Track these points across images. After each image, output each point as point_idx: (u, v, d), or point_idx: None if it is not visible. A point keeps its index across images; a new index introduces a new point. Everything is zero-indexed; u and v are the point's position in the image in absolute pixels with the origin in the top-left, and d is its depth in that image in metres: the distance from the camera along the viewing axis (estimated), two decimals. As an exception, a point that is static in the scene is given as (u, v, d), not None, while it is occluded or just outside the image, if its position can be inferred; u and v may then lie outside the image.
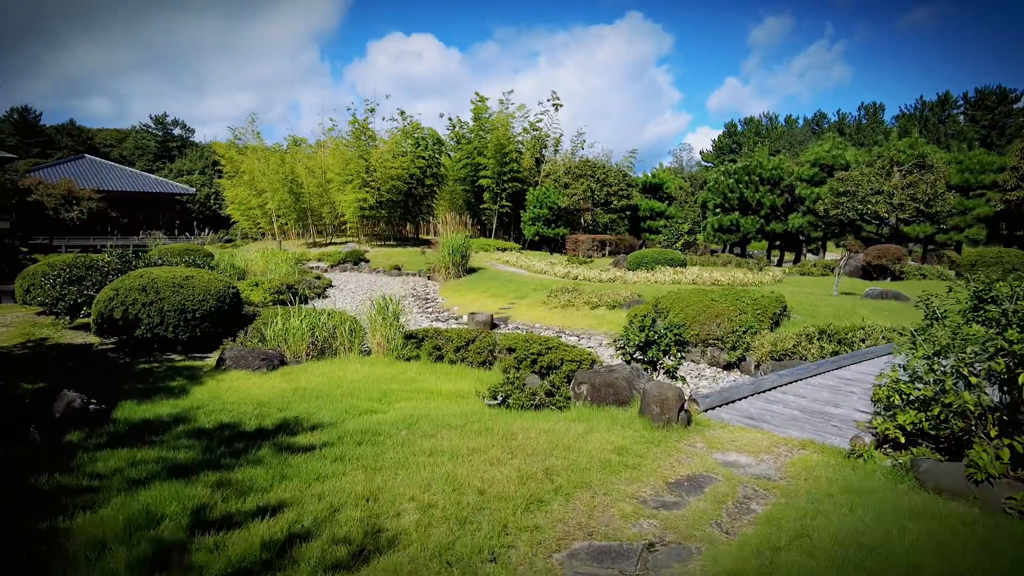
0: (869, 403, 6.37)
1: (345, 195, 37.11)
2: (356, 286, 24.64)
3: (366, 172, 36.46)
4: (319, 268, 32.26)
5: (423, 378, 7.98)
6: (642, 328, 7.70)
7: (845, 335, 9.73)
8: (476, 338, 8.81)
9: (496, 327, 15.07)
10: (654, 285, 18.92)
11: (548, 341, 8.36)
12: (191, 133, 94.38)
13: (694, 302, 12.59)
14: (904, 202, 22.49)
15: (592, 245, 33.40)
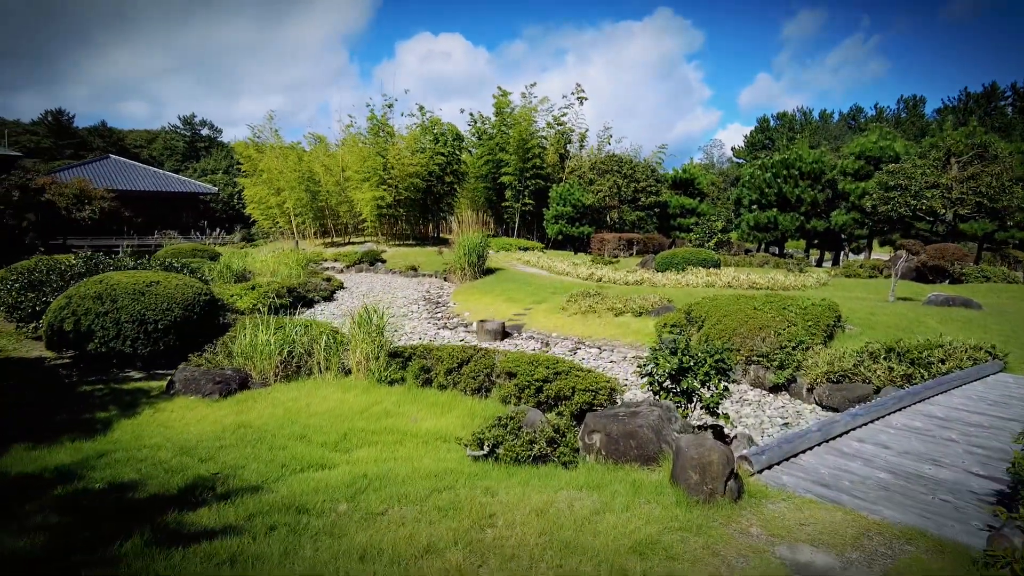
0: (980, 458, 4.73)
1: (362, 193, 35.97)
2: (368, 288, 23.35)
3: (383, 169, 35.25)
4: (334, 269, 31.17)
5: (401, 410, 6.53)
6: (674, 351, 6.14)
7: (919, 354, 8.04)
8: (472, 358, 7.33)
9: (508, 336, 13.57)
10: (685, 289, 17.22)
11: (558, 363, 6.83)
12: (219, 133, 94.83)
13: (733, 311, 10.93)
14: (964, 196, 20.38)
15: (618, 244, 31.70)
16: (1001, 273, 19.42)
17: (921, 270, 18.81)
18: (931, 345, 8.29)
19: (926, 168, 21.41)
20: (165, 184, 51.67)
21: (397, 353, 7.94)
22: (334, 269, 30.89)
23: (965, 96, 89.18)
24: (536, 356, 7.12)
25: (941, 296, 13.29)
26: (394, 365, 7.80)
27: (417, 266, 29.51)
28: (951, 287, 17.68)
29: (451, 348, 7.65)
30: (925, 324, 11.05)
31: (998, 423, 5.71)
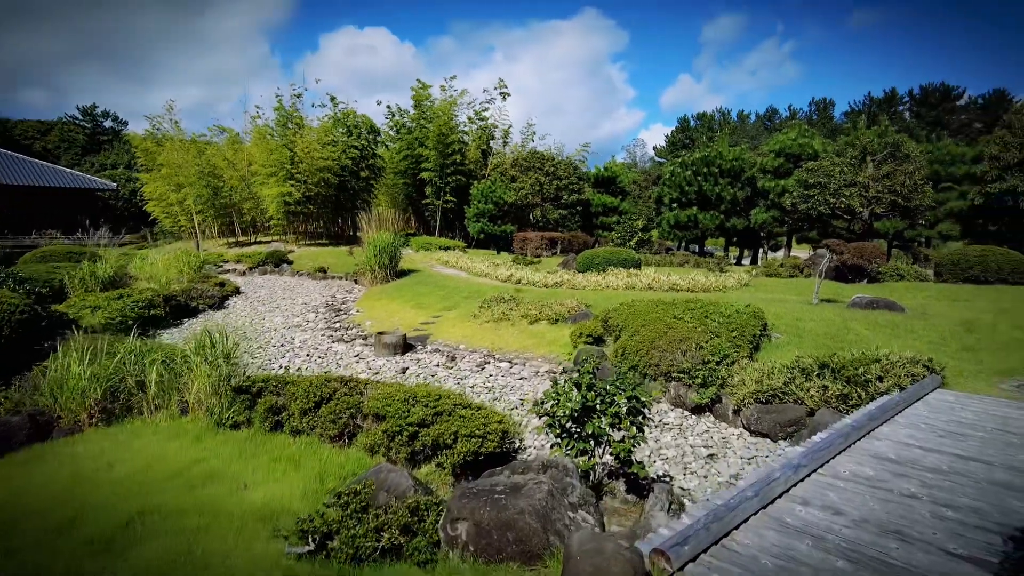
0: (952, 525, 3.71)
1: (268, 189, 33.54)
2: (268, 293, 21.36)
3: (291, 163, 32.94)
4: (235, 271, 28.79)
5: (232, 469, 5.04)
6: (578, 385, 4.92)
7: (855, 371, 7.18)
8: (333, 395, 5.90)
9: (410, 349, 12.14)
10: (605, 292, 16.24)
11: (439, 400, 5.49)
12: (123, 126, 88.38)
13: (652, 319, 9.90)
14: (881, 194, 20.37)
15: (541, 243, 30.69)
16: (914, 271, 19.43)
17: (840, 269, 18.56)
18: (867, 360, 7.43)
19: (844, 166, 21.34)
20: (54, 179, 47.10)
21: (244, 388, 6.38)
22: (235, 271, 28.54)
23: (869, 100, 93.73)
24: (415, 391, 5.74)
25: (865, 298, 12.76)
26: (239, 403, 6.24)
27: (327, 268, 27.58)
28: (869, 286, 17.44)
29: (310, 381, 6.17)
30: (854, 331, 10.36)
31: (958, 465, 4.77)
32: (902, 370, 7.21)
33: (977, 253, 18.13)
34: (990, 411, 6.41)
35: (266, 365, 11.14)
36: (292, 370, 10.85)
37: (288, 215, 34.34)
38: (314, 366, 11.06)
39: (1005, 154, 20.24)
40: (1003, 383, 7.90)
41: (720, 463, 6.67)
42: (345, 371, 10.73)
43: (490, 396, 9.07)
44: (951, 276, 18.26)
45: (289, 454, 5.35)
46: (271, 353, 12.13)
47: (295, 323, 15.45)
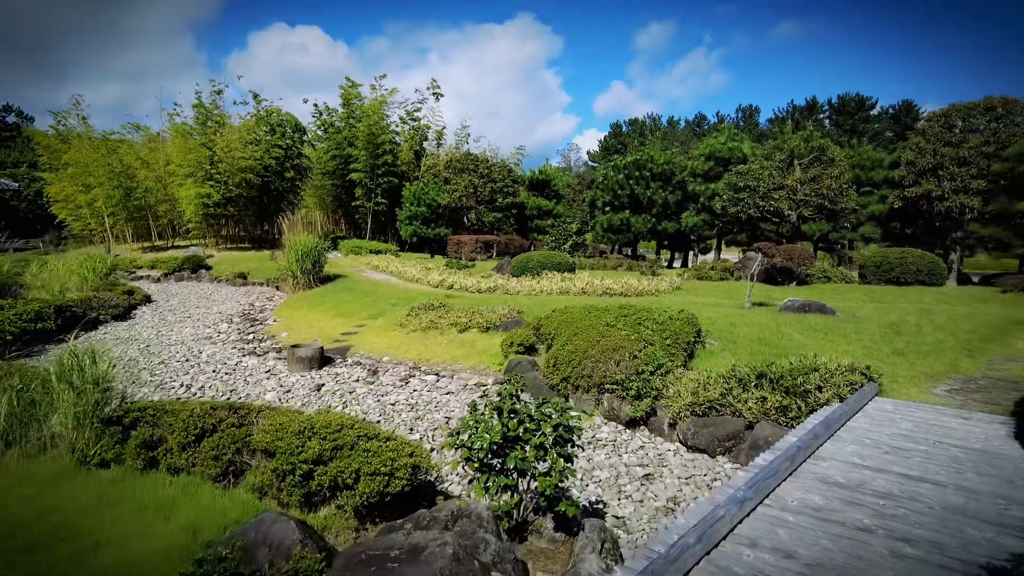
0: (912, 566, 3.29)
1: (186, 190, 31.64)
2: (181, 301, 19.92)
3: (210, 164, 31.16)
4: (150, 277, 26.98)
5: (88, 522, 4.18)
6: (499, 410, 4.31)
7: (794, 381, 6.87)
8: (219, 425, 5.07)
9: (328, 363, 11.27)
10: (539, 298, 15.76)
11: (340, 433, 4.75)
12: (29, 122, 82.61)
13: (584, 327, 9.42)
14: (808, 198, 20.71)
15: (476, 246, 30.04)
16: (840, 274, 19.83)
17: (770, 271, 18.70)
18: (805, 369, 7.14)
19: (772, 169, 21.62)
20: (-58, 177, 43.27)
21: (115, 418, 5.47)
22: (149, 278, 26.73)
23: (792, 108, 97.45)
24: (313, 420, 4.99)
25: (797, 301, 12.70)
26: (109, 437, 5.32)
27: (247, 273, 26.13)
28: (799, 289, 17.62)
29: (192, 410, 5.31)
30: (788, 336, 10.18)
31: (908, 487, 4.43)
32: (841, 379, 6.94)
33: (897, 255, 18.62)
34: (929, 420, 6.18)
35: (165, 384, 10.07)
36: (193, 389, 9.84)
37: (207, 218, 32.51)
38: (218, 384, 10.06)
39: (920, 160, 20.92)
40: (935, 388, 7.78)
41: (656, 484, 6.20)
42: (253, 389, 9.81)
43: (412, 415, 8.36)
44: (874, 277, 18.70)
45: (160, 500, 4.51)
46: (173, 370, 11.03)
47: (205, 335, 14.28)
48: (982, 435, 5.73)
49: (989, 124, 21.06)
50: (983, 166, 20.43)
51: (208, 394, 9.59)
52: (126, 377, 10.47)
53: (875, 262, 18.87)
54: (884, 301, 15.34)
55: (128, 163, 34.06)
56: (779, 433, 6.44)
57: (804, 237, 23.14)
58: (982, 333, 10.74)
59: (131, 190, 33.92)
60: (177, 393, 9.62)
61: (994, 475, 4.69)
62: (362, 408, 8.67)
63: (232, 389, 9.83)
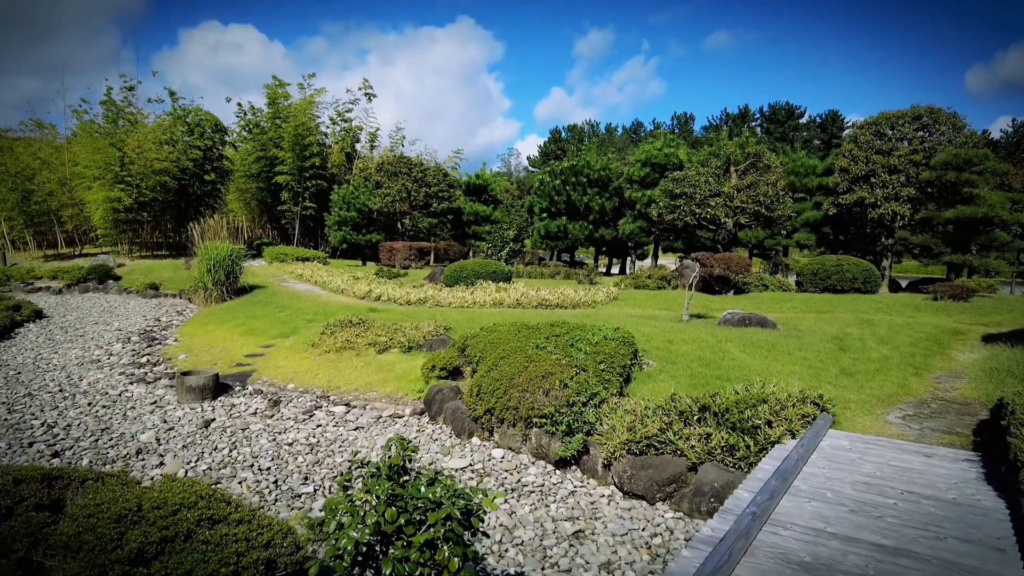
0: None
1: (93, 194, 29.22)
2: (79, 317, 18.02)
3: (120, 165, 28.86)
4: (51, 289, 24.63)
5: None
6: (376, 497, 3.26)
7: (741, 415, 6.09)
8: (16, 506, 3.84)
9: (224, 391, 9.94)
10: (470, 311, 14.76)
11: (176, 516, 3.61)
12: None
13: (512, 350, 8.46)
14: (745, 205, 20.44)
15: (409, 254, 28.78)
16: (777, 282, 19.60)
17: (707, 280, 18.26)
18: (752, 400, 6.37)
19: (709, 176, 21.29)
20: None
21: None
22: (49, 290, 24.41)
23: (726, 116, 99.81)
24: (145, 497, 3.83)
25: (737, 314, 12.11)
26: None
27: (160, 284, 24.18)
28: (737, 298, 17.22)
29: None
30: (729, 354, 9.49)
31: (887, 566, 3.63)
32: (793, 412, 6.20)
33: (834, 263, 18.49)
34: (890, 461, 5.49)
35: (22, 424, 8.55)
36: (60, 427, 8.38)
37: (118, 223, 30.17)
38: (90, 421, 8.63)
39: (854, 167, 20.98)
40: (888, 414, 7.17)
41: (587, 544, 5.27)
42: (131, 426, 8.44)
43: (310, 458, 7.20)
44: (811, 285, 18.51)
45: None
46: (40, 403, 9.49)
47: (94, 357, 12.65)
48: (951, 478, 5.06)
49: (916, 132, 21.32)
50: (912, 174, 20.63)
51: (74, 434, 8.17)
52: (-25, 414, 8.91)
53: (812, 270, 18.69)
54: (823, 311, 15.01)
55: (26, 163, 31.28)
56: (726, 477, 5.64)
57: (741, 244, 22.95)
58: (924, 347, 10.35)
59: (30, 193, 31.15)
60: (35, 434, 8.16)
61: (979, 540, 3.96)
62: (253, 450, 7.45)
63: (105, 428, 8.43)
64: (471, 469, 6.86)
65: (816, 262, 18.91)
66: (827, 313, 14.60)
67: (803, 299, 16.67)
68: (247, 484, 6.47)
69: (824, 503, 4.54)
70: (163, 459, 7.24)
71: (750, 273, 18.52)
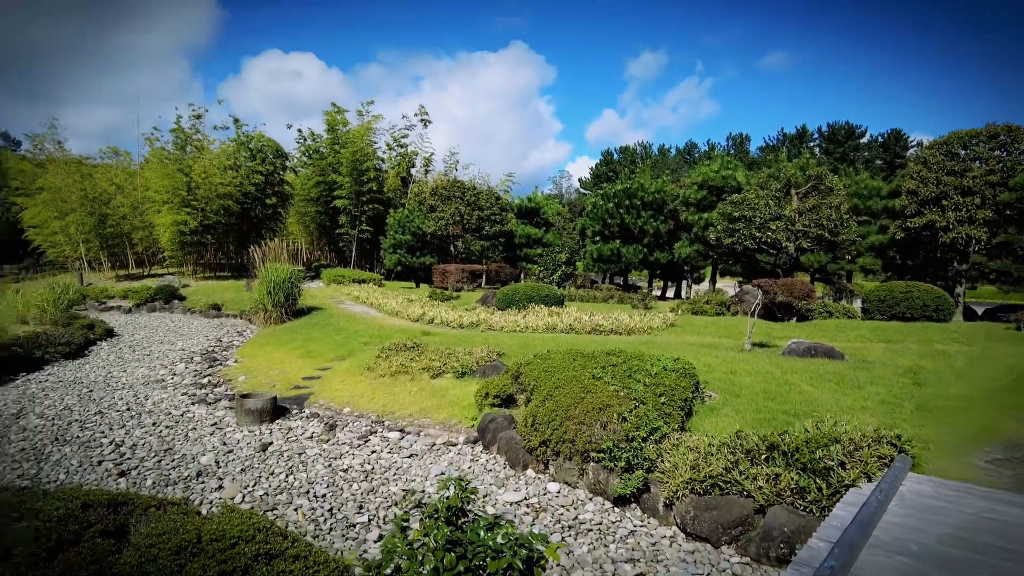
0: None
1: (162, 217, 30.53)
2: (147, 336, 18.71)
3: (187, 189, 30.11)
4: (121, 308, 25.76)
5: None
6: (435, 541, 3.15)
7: (811, 455, 5.76)
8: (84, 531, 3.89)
9: (282, 414, 10.07)
10: (523, 336, 14.65)
11: (235, 550, 3.56)
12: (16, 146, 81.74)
13: (568, 379, 8.28)
14: (807, 228, 19.78)
15: (462, 276, 28.96)
16: (842, 308, 18.83)
17: (768, 306, 17.67)
18: (824, 439, 6.02)
19: (768, 199, 20.72)
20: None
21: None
22: (120, 309, 25.52)
23: (782, 136, 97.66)
24: (204, 529, 3.81)
25: (802, 344, 11.63)
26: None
27: (222, 304, 24.96)
28: (799, 325, 16.59)
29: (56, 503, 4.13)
30: (796, 387, 9.08)
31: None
32: (868, 453, 5.83)
33: (902, 289, 17.65)
34: (982, 512, 5.06)
35: (93, 441, 8.85)
36: (126, 447, 8.62)
37: (184, 245, 31.42)
38: (154, 441, 8.85)
39: (923, 189, 20.09)
40: (975, 458, 6.67)
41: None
42: (192, 447, 8.61)
43: (365, 486, 7.17)
44: (878, 312, 17.70)
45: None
46: (109, 421, 9.81)
47: (159, 377, 13.07)
48: (1054, 535, 4.61)
49: (992, 152, 20.27)
50: (988, 195, 19.59)
51: (139, 454, 8.39)
52: (52, 432, 9.27)
53: (879, 296, 17.89)
54: (892, 340, 14.29)
55: (103, 188, 33.01)
56: (797, 522, 5.32)
57: (802, 268, 22.19)
58: (1009, 381, 9.69)
59: (105, 216, 32.82)
60: (104, 453, 8.41)
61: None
62: (308, 476, 7.48)
63: (168, 448, 8.62)
64: (526, 503, 6.69)
65: (883, 288, 18.09)
66: (897, 343, 13.89)
67: (870, 327, 15.92)
68: (302, 512, 6.46)
69: (909, 558, 4.20)
70: (222, 482, 7.33)
71: (813, 299, 17.85)
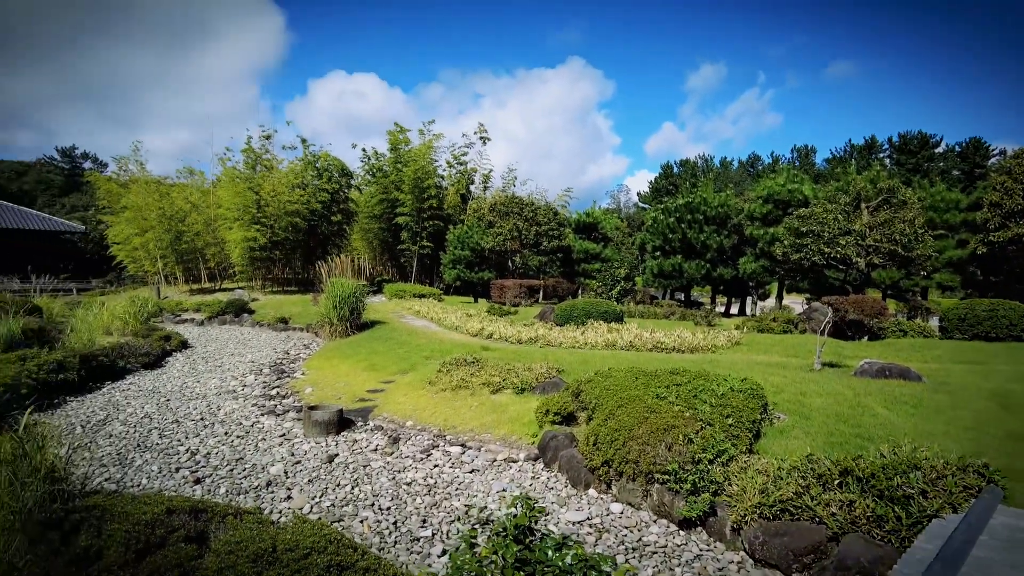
0: None
1: (233, 234, 31.88)
2: (218, 348, 19.50)
3: (256, 207, 31.37)
4: (193, 320, 26.98)
5: None
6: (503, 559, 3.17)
7: (889, 482, 5.52)
8: (169, 536, 4.08)
9: (347, 426, 10.31)
10: (582, 352, 14.57)
11: (307, 560, 3.66)
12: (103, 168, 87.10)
13: (630, 398, 8.19)
14: (879, 243, 19.02)
15: (519, 291, 29.08)
16: (917, 327, 17.97)
17: (838, 324, 17.03)
18: (903, 465, 5.75)
19: (837, 213, 20.05)
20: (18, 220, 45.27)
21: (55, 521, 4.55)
22: (193, 321, 26.73)
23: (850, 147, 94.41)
24: (278, 539, 3.94)
25: (875, 364, 11.15)
26: (44, 545, 4.40)
27: (289, 318, 25.79)
28: (871, 344, 15.92)
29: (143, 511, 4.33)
30: (869, 410, 8.71)
31: None
32: (952, 482, 5.53)
33: (986, 307, 16.72)
34: (1081, 549, 4.71)
35: (171, 449, 9.27)
36: (199, 456, 8.99)
37: (253, 261, 32.69)
38: (226, 451, 9.20)
39: (1007, 201, 19.03)
40: (1070, 490, 6.23)
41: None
42: (262, 457, 8.91)
43: (428, 500, 7.26)
44: (958, 331, 16.81)
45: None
46: (184, 431, 10.25)
47: (230, 388, 13.59)
48: None
49: (1085, 163, 19.09)
50: (1080, 208, 18.44)
51: (213, 462, 8.73)
52: (134, 439, 9.77)
53: (959, 314, 17.00)
54: (975, 362, 13.53)
55: (179, 206, 34.76)
56: (874, 553, 5.08)
57: (873, 285, 21.33)
58: (1108, 409, 9.01)
59: (181, 233, 34.51)
60: (181, 460, 8.79)
61: None
62: (373, 488, 7.62)
63: (239, 457, 8.95)
64: (588, 523, 6.64)
65: (964, 305, 17.17)
66: (980, 365, 13.14)
67: (949, 347, 15.13)
68: (368, 524, 6.59)
69: (1002, 597, 3.96)
70: (290, 492, 7.55)
71: (886, 317, 17.11)
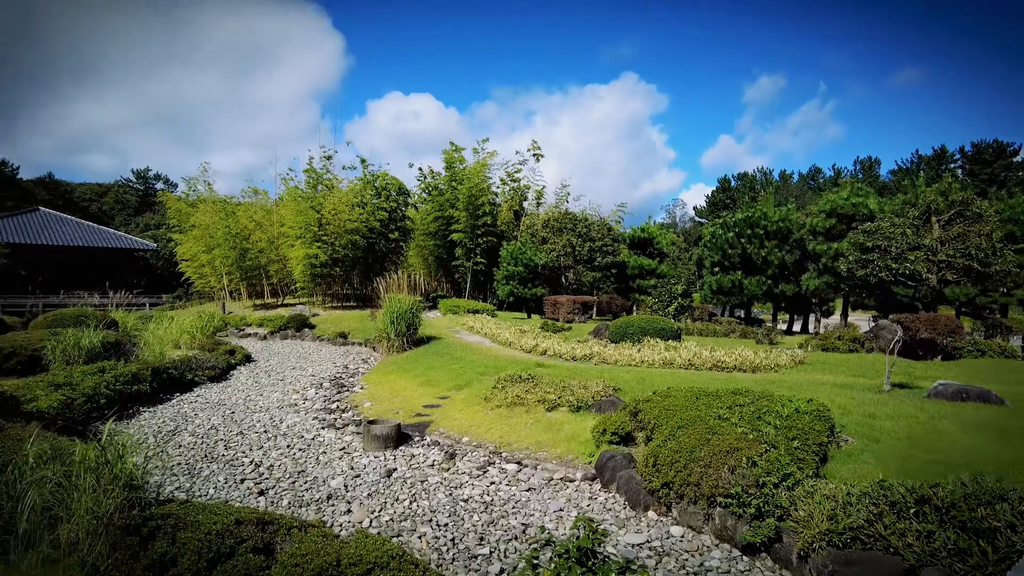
0: None
1: (295, 251, 32.90)
2: (280, 362, 20.08)
3: (318, 226, 32.32)
4: (257, 335, 27.89)
5: None
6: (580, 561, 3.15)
7: (972, 512, 5.22)
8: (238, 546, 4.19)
9: (405, 441, 10.43)
10: (638, 370, 14.38)
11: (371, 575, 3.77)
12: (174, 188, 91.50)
13: (691, 419, 8.03)
14: (951, 259, 18.15)
15: (573, 308, 28.97)
16: (997, 346, 17.02)
17: (909, 343, 16.30)
18: (985, 496, 5.44)
19: (906, 228, 19.25)
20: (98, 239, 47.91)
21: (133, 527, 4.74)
22: (256, 336, 27.62)
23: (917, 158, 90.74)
24: (343, 553, 4.00)
25: (951, 386, 10.61)
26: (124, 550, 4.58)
27: (348, 333, 26.38)
28: (945, 364, 15.16)
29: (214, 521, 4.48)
30: (946, 435, 8.28)
31: None
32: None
33: (1072, 327, 15.74)
34: None
35: (236, 461, 9.57)
36: (262, 468, 9.25)
37: (314, 277, 33.63)
38: (288, 463, 9.43)
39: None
40: None
41: (787, 650, 4.72)
42: (323, 471, 9.09)
43: (485, 517, 7.26)
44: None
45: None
46: (249, 443, 10.57)
47: (291, 401, 13.96)
48: None
49: None
50: None
51: (276, 474, 8.96)
52: (201, 449, 10.12)
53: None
54: (1062, 385, 12.73)
55: (244, 225, 36.11)
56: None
57: (945, 302, 20.33)
58: None
59: (246, 250, 35.82)
60: (246, 472, 9.06)
61: None
62: (431, 504, 7.67)
63: (301, 470, 9.16)
64: (648, 546, 6.51)
65: (1049, 325, 16.20)
66: (1069, 388, 12.34)
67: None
68: (426, 539, 6.63)
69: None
70: (350, 506, 7.67)
71: (961, 336, 16.28)
